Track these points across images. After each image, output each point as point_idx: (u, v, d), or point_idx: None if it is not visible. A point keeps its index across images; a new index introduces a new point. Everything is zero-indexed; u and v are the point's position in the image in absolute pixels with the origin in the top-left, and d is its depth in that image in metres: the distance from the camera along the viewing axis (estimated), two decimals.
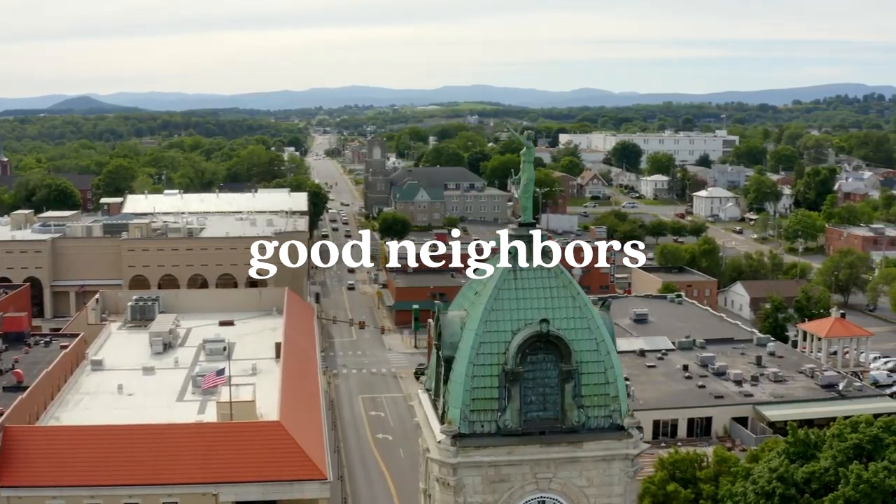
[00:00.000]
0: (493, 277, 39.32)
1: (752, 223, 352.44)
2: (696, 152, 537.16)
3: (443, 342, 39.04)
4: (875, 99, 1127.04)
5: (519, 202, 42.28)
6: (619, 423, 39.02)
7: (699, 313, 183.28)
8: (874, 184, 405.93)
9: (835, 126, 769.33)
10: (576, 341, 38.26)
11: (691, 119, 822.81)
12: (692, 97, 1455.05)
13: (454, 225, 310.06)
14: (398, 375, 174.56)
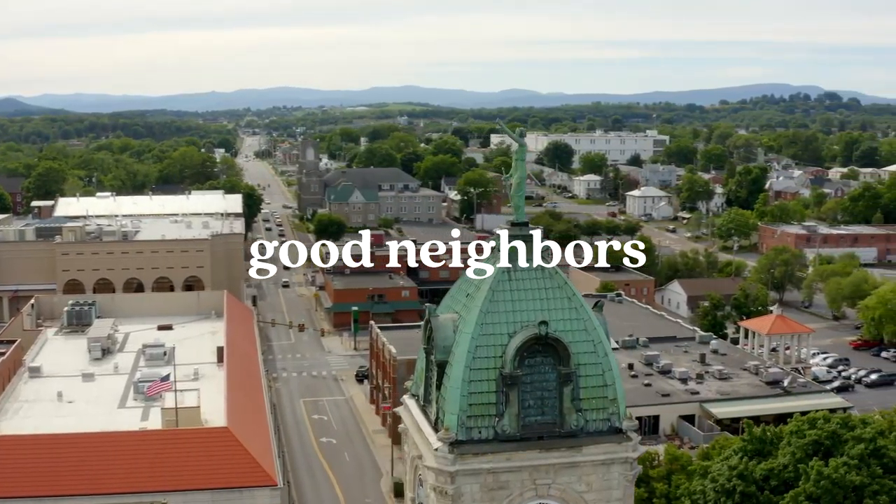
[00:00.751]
0: (487, 279, 38.01)
1: (685, 222, 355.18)
2: (627, 152, 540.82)
3: (435, 346, 37.67)
4: (800, 99, 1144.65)
5: (512, 200, 40.83)
6: (617, 426, 37.93)
7: (639, 312, 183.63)
8: (804, 182, 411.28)
9: (762, 126, 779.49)
10: (573, 343, 37.12)
11: (620, 119, 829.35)
12: (620, 97, 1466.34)
13: (389, 226, 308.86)
14: (339, 378, 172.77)
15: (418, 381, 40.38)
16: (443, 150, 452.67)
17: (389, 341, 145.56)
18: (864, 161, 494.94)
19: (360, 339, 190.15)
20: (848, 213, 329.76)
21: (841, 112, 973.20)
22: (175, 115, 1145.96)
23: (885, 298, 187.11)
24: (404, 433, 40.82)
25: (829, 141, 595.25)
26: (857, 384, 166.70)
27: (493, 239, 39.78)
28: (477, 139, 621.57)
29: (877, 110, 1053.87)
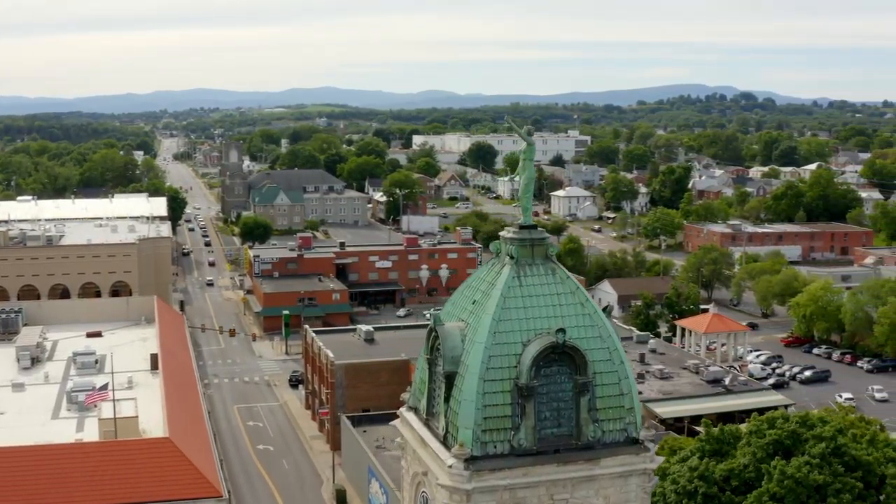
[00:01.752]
0: (497, 285, 36.02)
1: (610, 221, 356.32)
2: (549, 152, 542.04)
3: (443, 357, 35.62)
4: (717, 99, 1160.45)
5: (519, 202, 38.97)
6: (634, 436, 36.32)
7: None
8: (726, 181, 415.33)
9: (679, 126, 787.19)
10: (589, 351, 35.10)
11: (540, 120, 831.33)
12: (538, 98, 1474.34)
13: (315, 228, 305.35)
14: (272, 383, 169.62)
15: (418, 394, 38.22)
16: (366, 151, 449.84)
17: (326, 345, 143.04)
18: (784, 160, 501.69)
19: (291, 343, 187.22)
20: (771, 211, 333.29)
21: (757, 112, 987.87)
22: (91, 118, 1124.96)
23: (816, 296, 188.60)
24: (402, 448, 38.64)
25: (748, 140, 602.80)
26: (791, 381, 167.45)
27: (499, 242, 37.67)
28: (399, 140, 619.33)
29: (791, 110, 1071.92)
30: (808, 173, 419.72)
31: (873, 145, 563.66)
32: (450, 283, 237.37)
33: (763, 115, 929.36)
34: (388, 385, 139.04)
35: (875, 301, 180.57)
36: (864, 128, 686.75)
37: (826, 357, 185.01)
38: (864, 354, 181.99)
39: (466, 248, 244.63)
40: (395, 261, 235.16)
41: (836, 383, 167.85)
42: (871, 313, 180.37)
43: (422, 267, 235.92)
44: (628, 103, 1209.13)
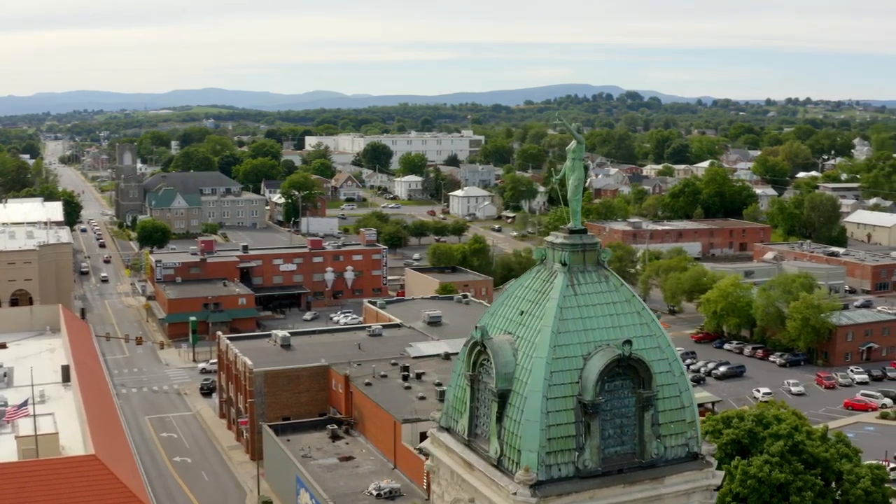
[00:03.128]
0: (550, 295, 33.35)
1: (509, 221, 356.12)
2: (443, 152, 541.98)
3: (495, 373, 32.70)
4: (603, 98, 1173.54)
5: (569, 205, 36.01)
6: (695, 450, 34.08)
7: None
8: (622, 179, 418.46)
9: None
10: (651, 363, 32.57)
11: (430, 120, 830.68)
12: (426, 98, 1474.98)
13: (214, 231, 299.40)
14: (182, 392, 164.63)
15: (453, 413, 35.18)
16: (260, 152, 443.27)
17: (242, 352, 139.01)
18: (676, 158, 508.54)
19: (199, 350, 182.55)
20: (669, 209, 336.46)
21: (643, 111, 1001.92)
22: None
23: (726, 292, 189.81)
24: (433, 472, 35.69)
25: (639, 139, 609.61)
26: (707, 377, 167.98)
27: (544, 248, 34.98)
28: (291, 141, 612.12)
29: (677, 109, 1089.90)
30: (700, 171, 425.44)
31: (762, 143, 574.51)
32: (356, 286, 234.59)
33: (649, 115, 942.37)
34: (308, 392, 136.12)
35: (786, 296, 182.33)
36: (752, 126, 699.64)
37: (738, 352, 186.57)
38: (775, 349, 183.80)
39: (371, 250, 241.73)
40: (300, 264, 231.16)
41: (751, 378, 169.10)
42: (782, 308, 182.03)
43: (327, 269, 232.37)
44: (516, 103, 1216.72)
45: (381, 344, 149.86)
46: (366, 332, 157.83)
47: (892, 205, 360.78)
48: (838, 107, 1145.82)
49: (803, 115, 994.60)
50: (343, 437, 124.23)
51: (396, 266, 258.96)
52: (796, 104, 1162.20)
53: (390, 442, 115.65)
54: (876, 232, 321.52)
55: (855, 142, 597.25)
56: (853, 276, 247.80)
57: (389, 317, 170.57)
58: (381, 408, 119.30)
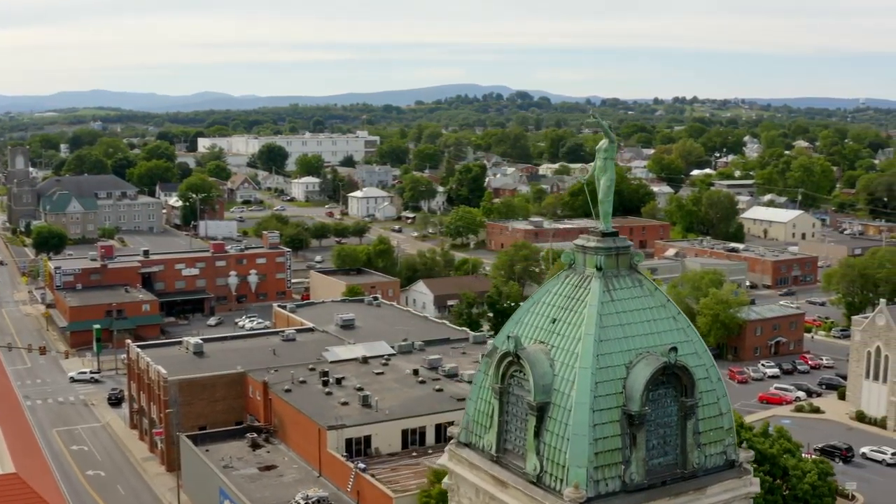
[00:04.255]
0: (587, 301, 31.78)
1: (409, 221, 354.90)
2: (339, 153, 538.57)
3: (534, 386, 30.95)
4: (493, 98, 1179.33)
5: (599, 208, 34.50)
6: (733, 458, 32.90)
7: (400, 314, 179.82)
8: (520, 179, 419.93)
9: (460, 125, 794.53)
10: (692, 369, 31.16)
11: (321, 121, 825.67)
12: (316, 99, 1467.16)
13: (111, 236, 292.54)
14: (89, 403, 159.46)
15: (476, 428, 33.26)
16: (155, 155, 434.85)
17: (155, 361, 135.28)
18: (571, 157, 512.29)
19: (104, 358, 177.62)
20: (568, 207, 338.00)
21: (533, 111, 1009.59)
22: None
23: None
24: (454, 490, 33.79)
25: (533, 138, 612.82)
26: None
27: (572, 252, 33.40)
28: (183, 143, 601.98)
29: (566, 108, 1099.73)
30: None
31: (655, 141, 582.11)
32: (259, 289, 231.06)
33: (540, 114, 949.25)
34: (224, 400, 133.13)
35: (696, 293, 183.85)
36: (644, 124, 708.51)
37: None
38: None
39: (275, 253, 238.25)
40: (203, 268, 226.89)
41: None
42: (692, 305, 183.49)
43: (230, 273, 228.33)
44: (406, 103, 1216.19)
45: (296, 349, 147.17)
46: (279, 336, 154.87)
47: (786, 201, 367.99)
48: (724, 105, 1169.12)
49: (690, 113, 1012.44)
50: (263, 446, 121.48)
51: (299, 269, 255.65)
52: (683, 103, 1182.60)
53: (314, 449, 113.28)
54: (772, 228, 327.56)
55: (745, 139, 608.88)
56: (754, 271, 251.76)
57: (301, 321, 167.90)
58: (303, 415, 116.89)
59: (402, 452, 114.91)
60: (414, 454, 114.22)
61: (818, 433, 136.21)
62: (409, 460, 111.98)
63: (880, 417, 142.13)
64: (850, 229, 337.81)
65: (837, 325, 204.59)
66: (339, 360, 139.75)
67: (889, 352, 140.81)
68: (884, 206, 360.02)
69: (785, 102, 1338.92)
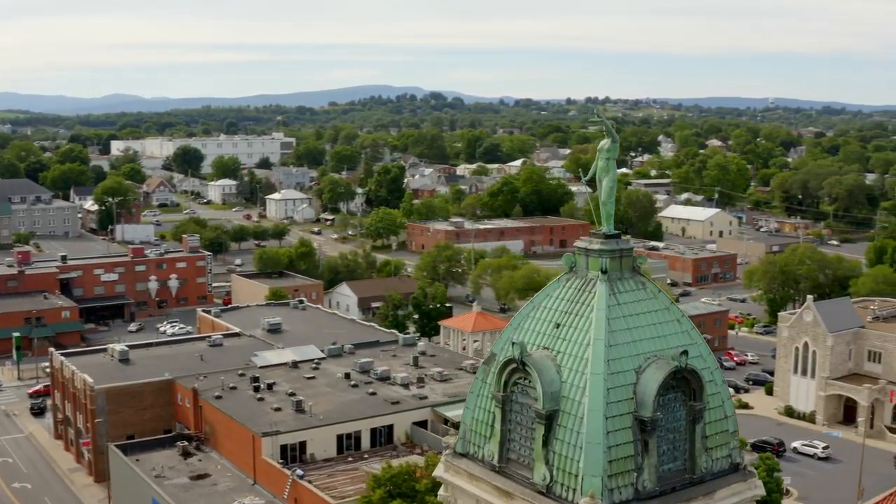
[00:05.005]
0: (592, 305, 30.96)
1: (328, 223, 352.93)
2: (255, 155, 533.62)
3: (542, 393, 29.99)
4: (407, 99, 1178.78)
5: (601, 210, 33.54)
6: (737, 461, 32.41)
7: (327, 317, 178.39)
8: (438, 179, 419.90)
9: (375, 126, 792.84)
10: (701, 372, 30.53)
11: (234, 122, 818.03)
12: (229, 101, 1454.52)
13: (26, 241, 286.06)
14: (11, 413, 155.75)
15: (475, 438, 32.25)
16: (68, 158, 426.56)
17: (80, 369, 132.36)
18: (489, 157, 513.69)
19: (25, 367, 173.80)
20: (488, 208, 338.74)
21: (447, 111, 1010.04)
22: None
23: None
24: (450, 503, 32.71)
25: (450, 139, 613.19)
26: None
27: (573, 255, 32.54)
28: (96, 146, 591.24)
29: (480, 108, 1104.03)
30: (513, 169, 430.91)
31: (570, 141, 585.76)
32: (180, 294, 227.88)
33: (454, 115, 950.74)
34: (153, 408, 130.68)
35: None
36: (559, 124, 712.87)
37: None
38: None
39: (195, 257, 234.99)
40: (122, 273, 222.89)
41: None
42: None
43: (150, 278, 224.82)
44: (320, 104, 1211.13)
45: (223, 354, 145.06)
46: (206, 342, 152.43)
47: (703, 199, 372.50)
48: (636, 105, 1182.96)
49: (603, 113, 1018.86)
50: (195, 454, 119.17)
51: (219, 272, 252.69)
52: (596, 103, 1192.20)
53: (248, 457, 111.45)
54: (690, 226, 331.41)
55: (659, 139, 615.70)
56: (674, 269, 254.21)
57: (227, 325, 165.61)
58: (236, 421, 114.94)
59: (338, 458, 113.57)
60: (350, 459, 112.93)
61: (748, 429, 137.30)
62: (346, 466, 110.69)
63: (809, 412, 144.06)
64: (767, 227, 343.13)
65: (760, 322, 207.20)
66: (269, 364, 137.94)
67: (816, 347, 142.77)
68: (798, 203, 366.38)
69: (696, 102, 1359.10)
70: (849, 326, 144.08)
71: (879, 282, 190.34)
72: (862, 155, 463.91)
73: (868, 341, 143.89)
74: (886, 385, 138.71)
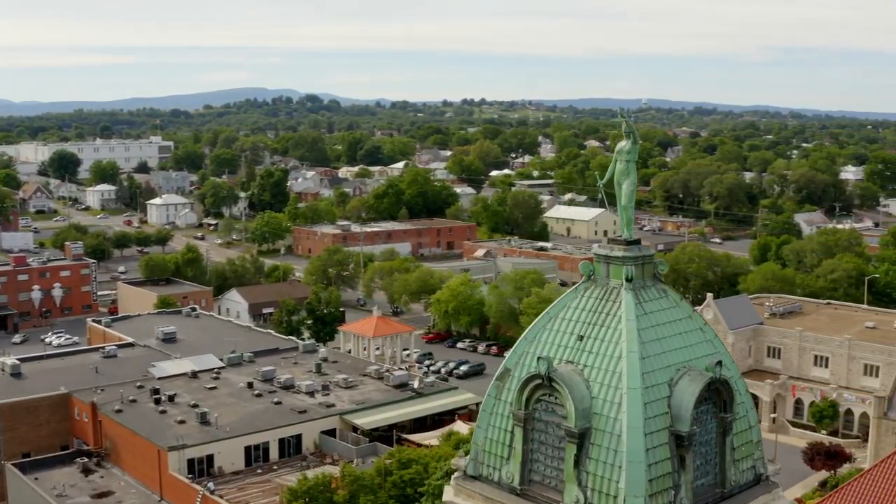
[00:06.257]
0: (619, 315, 29.49)
1: (211, 228, 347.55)
2: (133, 159, 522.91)
3: (574, 411, 28.33)
4: (283, 102, 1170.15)
5: (622, 215, 32.02)
6: (761, 472, 31.42)
7: (222, 325, 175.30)
8: (321, 182, 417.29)
9: (252, 129, 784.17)
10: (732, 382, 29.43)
11: (109, 126, 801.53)
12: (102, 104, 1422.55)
13: None
14: None
15: (490, 459, 30.34)
16: None
17: None
18: (370, 159, 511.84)
19: None
20: (373, 210, 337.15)
21: (323, 114, 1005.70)
22: None
23: (457, 291, 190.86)
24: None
25: (331, 141, 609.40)
26: (449, 376, 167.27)
27: (592, 263, 31.09)
28: None
29: (356, 111, 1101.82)
30: (396, 171, 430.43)
31: (451, 143, 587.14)
32: (64, 303, 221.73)
33: (330, 117, 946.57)
34: (49, 424, 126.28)
35: (518, 293, 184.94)
36: (439, 126, 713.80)
37: (472, 350, 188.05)
38: (508, 345, 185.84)
39: (79, 265, 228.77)
40: (4, 282, 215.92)
41: (491, 375, 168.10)
42: (514, 304, 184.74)
43: (33, 287, 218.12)
44: (195, 107, 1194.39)
45: (119, 366, 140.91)
46: (99, 353, 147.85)
47: (586, 199, 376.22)
48: (512, 106, 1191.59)
49: (479, 115, 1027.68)
50: (96, 471, 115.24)
51: (104, 280, 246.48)
52: (472, 104, 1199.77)
53: (154, 472, 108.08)
54: (575, 226, 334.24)
55: (539, 140, 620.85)
56: (564, 269, 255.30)
57: (119, 335, 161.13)
58: (139, 436, 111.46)
59: (247, 470, 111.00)
60: (259, 471, 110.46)
61: None
62: (255, 478, 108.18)
63: None
64: (650, 225, 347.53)
65: None
66: (168, 375, 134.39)
67: None
68: (680, 202, 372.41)
69: (570, 103, 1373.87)
70: (748, 323, 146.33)
71: (768, 278, 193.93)
72: (739, 154, 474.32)
73: (767, 337, 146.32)
74: (787, 380, 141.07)
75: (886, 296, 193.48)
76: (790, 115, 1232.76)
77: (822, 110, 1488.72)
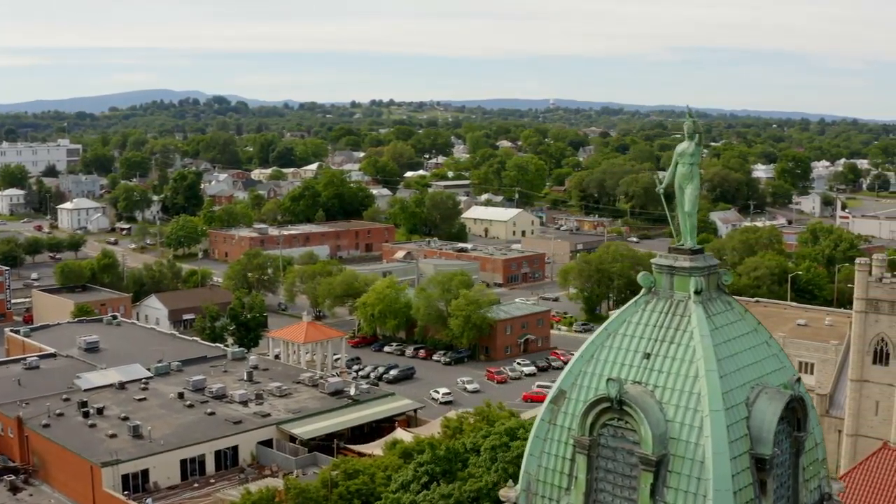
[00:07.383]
0: (692, 330, 27.50)
1: (124, 233, 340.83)
2: (40, 163, 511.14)
3: (651, 436, 26.23)
4: (190, 104, 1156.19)
5: (680, 222, 30.23)
6: (827, 491, 29.63)
7: (145, 333, 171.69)
8: (235, 185, 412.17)
9: (160, 131, 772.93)
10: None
11: (13, 130, 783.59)
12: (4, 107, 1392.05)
13: None
14: None
15: (546, 490, 28.24)
16: None
17: None
18: (282, 161, 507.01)
19: None
20: (290, 213, 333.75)
21: (231, 115, 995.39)
22: None
23: (383, 294, 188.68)
24: None
25: (242, 143, 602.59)
26: (379, 381, 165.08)
27: (652, 274, 29.20)
28: None
29: (265, 112, 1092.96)
30: (309, 173, 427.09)
31: (364, 144, 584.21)
32: None
33: (238, 119, 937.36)
34: None
35: (446, 295, 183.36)
36: (351, 127, 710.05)
37: (399, 354, 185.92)
38: (436, 348, 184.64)
39: None
40: None
41: (422, 379, 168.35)
42: (441, 307, 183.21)
43: None
44: (100, 110, 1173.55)
45: (42, 378, 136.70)
46: (21, 365, 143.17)
47: (502, 200, 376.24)
48: (421, 107, 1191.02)
49: (388, 115, 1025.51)
50: (24, 489, 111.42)
51: (17, 288, 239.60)
52: (381, 105, 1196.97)
53: (87, 489, 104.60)
54: (493, 226, 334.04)
55: (452, 140, 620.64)
56: (485, 270, 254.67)
57: (39, 346, 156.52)
58: (69, 451, 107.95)
59: (183, 484, 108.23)
60: (196, 485, 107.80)
61: None
62: (193, 492, 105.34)
63: None
64: (566, 225, 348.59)
65: (577, 320, 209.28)
66: (94, 387, 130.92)
67: None
68: (595, 201, 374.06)
69: (479, 104, 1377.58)
70: None
71: None
72: (651, 153, 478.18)
73: None
74: None
75: (808, 292, 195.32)
76: (695, 114, 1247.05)
77: (726, 109, 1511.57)
